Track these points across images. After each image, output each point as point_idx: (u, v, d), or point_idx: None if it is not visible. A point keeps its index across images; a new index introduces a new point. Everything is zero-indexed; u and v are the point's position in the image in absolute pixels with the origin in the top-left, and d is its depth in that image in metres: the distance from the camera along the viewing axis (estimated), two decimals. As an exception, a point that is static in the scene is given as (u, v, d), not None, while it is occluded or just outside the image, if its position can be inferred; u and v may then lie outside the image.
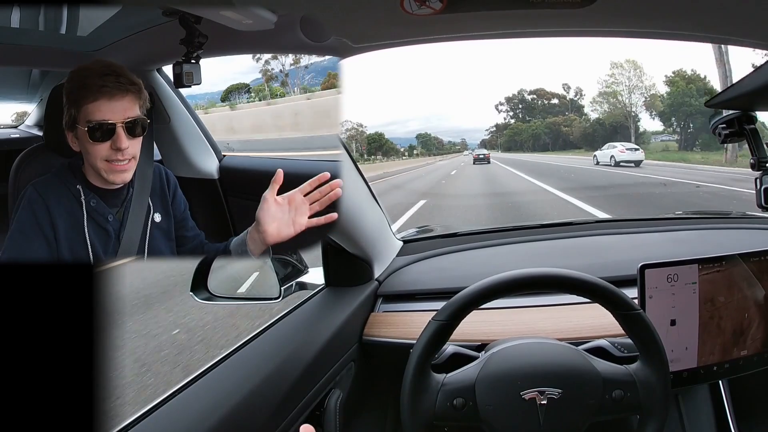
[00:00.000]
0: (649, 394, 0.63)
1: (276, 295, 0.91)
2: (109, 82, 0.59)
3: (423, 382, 0.65)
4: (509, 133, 33.61)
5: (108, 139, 0.60)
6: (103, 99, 0.59)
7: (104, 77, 0.59)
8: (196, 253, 0.76)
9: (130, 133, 0.61)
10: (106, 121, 0.59)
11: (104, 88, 0.59)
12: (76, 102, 0.60)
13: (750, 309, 0.80)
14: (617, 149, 17.00)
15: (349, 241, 0.94)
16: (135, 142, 0.62)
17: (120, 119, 0.60)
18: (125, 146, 0.61)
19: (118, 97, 0.60)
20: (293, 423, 0.70)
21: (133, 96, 0.61)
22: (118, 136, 0.60)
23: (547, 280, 0.65)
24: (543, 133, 31.53)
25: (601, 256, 1.17)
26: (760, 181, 0.93)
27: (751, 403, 0.92)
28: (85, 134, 0.60)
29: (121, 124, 0.60)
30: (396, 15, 0.62)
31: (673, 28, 0.70)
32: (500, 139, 34.51)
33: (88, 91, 0.59)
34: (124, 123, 0.60)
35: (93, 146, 0.60)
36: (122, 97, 0.60)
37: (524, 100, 33.87)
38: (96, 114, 0.59)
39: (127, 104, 0.61)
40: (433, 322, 0.64)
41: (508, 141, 33.78)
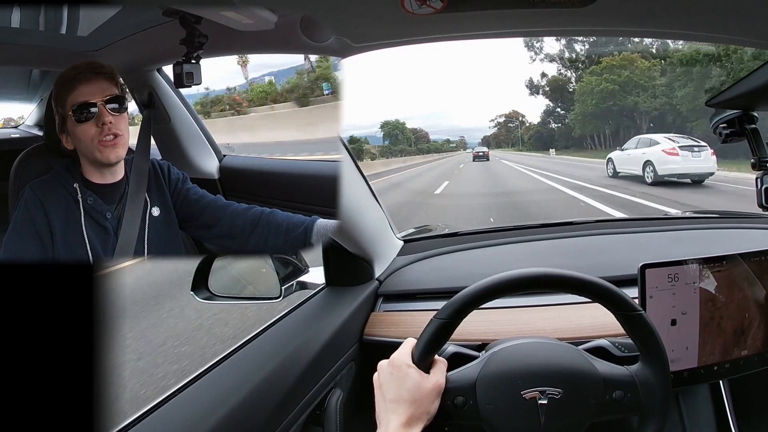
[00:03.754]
0: (649, 395, 0.63)
1: (277, 295, 0.91)
2: (81, 70, 0.65)
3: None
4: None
5: (92, 117, 0.64)
6: (80, 85, 0.64)
7: (77, 68, 0.65)
8: (247, 225, 0.75)
9: (112, 110, 0.65)
10: (87, 101, 0.64)
11: (79, 75, 0.64)
12: (61, 99, 0.64)
13: (750, 309, 0.79)
14: (664, 147, 9.04)
15: (349, 240, 0.94)
16: (119, 119, 0.66)
17: (99, 98, 0.64)
18: (109, 120, 0.64)
19: (93, 80, 0.65)
20: (294, 422, 0.70)
21: (107, 78, 0.66)
22: (100, 113, 0.64)
23: (548, 279, 0.65)
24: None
25: (601, 255, 1.17)
26: (760, 180, 0.93)
27: (751, 403, 0.92)
28: (72, 121, 0.64)
29: (101, 102, 0.64)
30: (397, 14, 0.62)
31: (673, 27, 0.70)
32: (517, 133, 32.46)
33: (67, 84, 0.64)
34: (104, 101, 0.64)
35: (81, 128, 0.64)
36: (97, 79, 0.65)
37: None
38: (78, 98, 0.64)
39: (104, 84, 0.65)
40: (435, 321, 0.64)
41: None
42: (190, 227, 0.74)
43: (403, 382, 0.61)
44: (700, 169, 8.70)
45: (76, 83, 0.64)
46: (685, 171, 8.68)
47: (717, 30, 0.70)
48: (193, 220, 0.73)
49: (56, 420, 0.30)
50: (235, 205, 0.73)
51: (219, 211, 0.73)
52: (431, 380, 0.62)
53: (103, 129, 0.64)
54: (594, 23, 0.69)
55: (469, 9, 0.63)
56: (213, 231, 0.73)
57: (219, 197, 0.75)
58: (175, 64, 0.70)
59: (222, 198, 0.75)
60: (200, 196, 0.74)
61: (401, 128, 33.61)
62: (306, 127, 0.90)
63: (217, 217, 0.72)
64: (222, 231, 0.72)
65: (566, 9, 0.63)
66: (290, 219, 0.71)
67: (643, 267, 0.76)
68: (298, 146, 0.92)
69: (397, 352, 0.65)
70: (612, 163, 10.86)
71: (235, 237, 0.72)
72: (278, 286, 0.90)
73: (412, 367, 0.62)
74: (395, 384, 0.61)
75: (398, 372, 0.62)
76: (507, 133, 35.83)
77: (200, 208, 0.73)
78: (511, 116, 35.74)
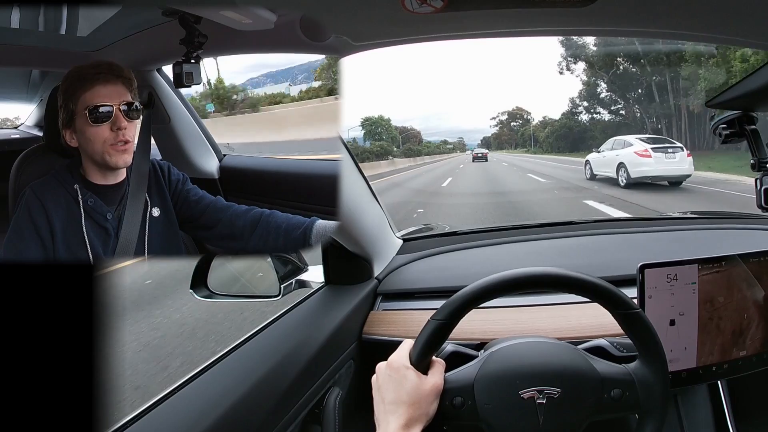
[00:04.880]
0: (648, 393, 0.63)
1: (276, 293, 0.91)
2: (102, 70, 0.64)
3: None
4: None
5: (107, 120, 0.64)
6: (98, 85, 0.63)
7: (97, 67, 0.64)
8: (248, 226, 0.75)
9: (127, 116, 0.65)
10: (105, 104, 0.63)
11: (99, 75, 0.64)
12: (74, 94, 0.63)
13: (749, 309, 0.80)
14: (636, 149, 8.86)
15: (349, 239, 0.94)
16: (132, 125, 0.66)
17: (116, 102, 0.64)
18: (124, 125, 0.64)
19: (112, 82, 0.64)
20: (292, 420, 0.70)
21: (125, 83, 0.65)
22: (116, 116, 0.64)
23: (547, 279, 0.65)
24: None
25: (600, 255, 1.17)
26: (760, 181, 0.93)
27: (749, 404, 0.92)
28: (86, 120, 0.63)
29: (117, 107, 0.64)
30: (397, 13, 0.62)
31: (673, 27, 0.70)
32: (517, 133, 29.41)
33: (84, 81, 0.63)
34: (120, 106, 0.64)
35: (94, 130, 0.64)
36: (115, 83, 0.64)
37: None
38: (95, 99, 0.63)
39: (121, 90, 0.65)
40: (432, 322, 0.64)
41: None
42: (191, 228, 0.74)
43: (401, 383, 0.61)
44: (674, 171, 8.49)
45: (95, 82, 0.63)
46: (659, 173, 8.48)
47: (717, 30, 0.70)
48: (193, 222, 0.73)
49: (56, 420, 0.30)
50: (235, 206, 0.74)
51: (219, 212, 0.73)
52: (429, 381, 0.62)
53: (118, 134, 0.64)
54: (594, 23, 0.69)
55: (470, 8, 0.63)
56: (213, 232, 0.73)
57: (219, 198, 0.75)
58: (174, 64, 0.70)
59: (222, 199, 0.75)
60: (200, 198, 0.74)
61: (385, 125, 28.93)
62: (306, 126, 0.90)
63: (218, 218, 0.73)
64: (222, 232, 0.72)
65: (566, 9, 0.63)
66: (290, 220, 0.71)
67: (642, 267, 0.76)
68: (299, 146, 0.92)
69: (395, 353, 0.65)
70: (589, 164, 10.65)
71: (236, 238, 0.72)
72: (277, 284, 0.91)
73: (410, 369, 0.62)
74: (393, 386, 0.62)
75: (396, 374, 0.62)
76: (510, 132, 32.97)
77: (200, 210, 0.73)
78: (515, 113, 32.69)
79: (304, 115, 0.88)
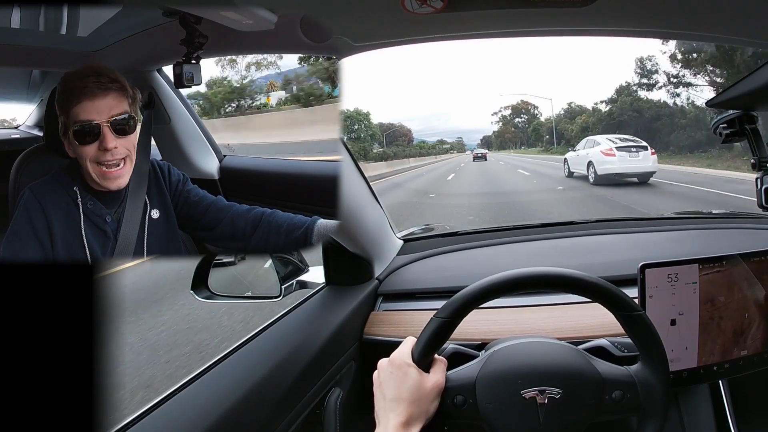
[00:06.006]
0: (649, 395, 0.63)
1: (276, 294, 0.91)
2: (89, 83, 0.59)
3: None
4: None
5: (95, 140, 0.59)
6: (85, 100, 0.59)
7: (84, 79, 0.59)
8: (249, 226, 0.73)
9: (118, 132, 0.60)
10: (91, 122, 0.59)
11: (85, 89, 0.59)
12: (64, 108, 0.60)
13: (750, 309, 0.79)
14: (602, 148, 9.51)
15: (349, 240, 0.94)
16: (125, 141, 0.61)
17: (104, 118, 0.59)
18: (112, 146, 0.60)
19: (99, 95, 0.59)
20: (294, 421, 0.70)
21: (117, 93, 0.60)
22: (104, 136, 0.59)
23: (548, 279, 0.65)
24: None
25: (601, 255, 1.17)
26: (760, 181, 0.93)
27: (751, 404, 0.92)
28: (73, 138, 0.60)
29: (106, 124, 0.59)
30: (397, 14, 0.62)
31: (673, 27, 0.70)
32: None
33: (71, 95, 0.59)
34: (110, 122, 0.60)
35: (82, 149, 0.60)
36: (104, 96, 0.60)
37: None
38: (80, 115, 0.59)
39: (112, 102, 0.60)
40: (435, 320, 0.64)
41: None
42: (191, 229, 0.74)
43: (402, 381, 0.61)
44: (638, 169, 9.13)
45: (80, 96, 0.59)
46: (623, 171, 9.07)
47: (717, 30, 0.70)
48: (194, 222, 0.72)
49: (56, 421, 0.30)
50: (236, 206, 0.73)
51: (220, 212, 0.72)
52: (431, 379, 0.62)
53: (105, 154, 0.60)
54: (594, 23, 0.69)
55: (470, 8, 0.63)
56: (214, 233, 0.72)
57: (220, 198, 0.74)
58: (175, 65, 0.70)
59: (223, 199, 0.74)
60: (201, 198, 0.73)
61: (364, 121, 24.00)
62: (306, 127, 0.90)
63: (219, 218, 0.72)
64: (223, 233, 0.72)
65: (566, 9, 0.63)
66: (291, 220, 0.71)
67: (643, 267, 0.76)
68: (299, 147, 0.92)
69: (397, 351, 0.65)
70: (567, 163, 11.23)
71: (237, 238, 0.71)
72: (278, 285, 0.91)
73: (412, 366, 0.62)
74: (395, 383, 0.61)
75: (398, 371, 0.62)
76: (515, 129, 29.37)
77: (201, 211, 0.72)
78: (520, 108, 29.14)
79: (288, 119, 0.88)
